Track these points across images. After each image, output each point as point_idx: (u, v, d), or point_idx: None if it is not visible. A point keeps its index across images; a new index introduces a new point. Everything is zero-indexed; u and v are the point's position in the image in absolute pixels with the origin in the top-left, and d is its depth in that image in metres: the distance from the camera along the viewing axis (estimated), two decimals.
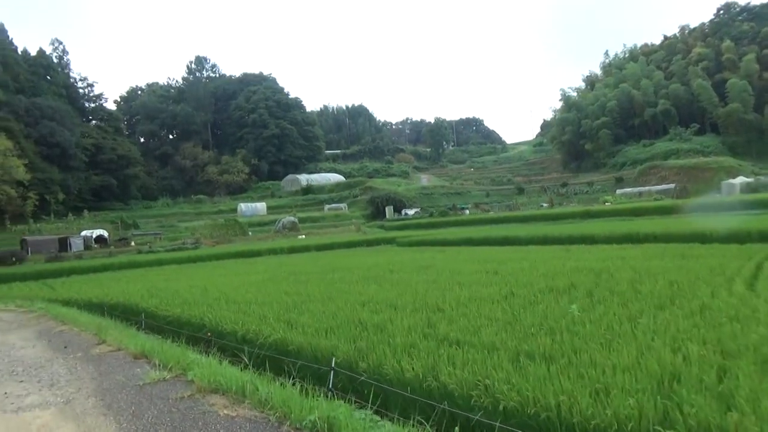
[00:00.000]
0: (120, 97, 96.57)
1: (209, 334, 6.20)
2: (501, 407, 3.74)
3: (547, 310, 6.64)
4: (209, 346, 6.92)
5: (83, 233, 41.12)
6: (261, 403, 3.66)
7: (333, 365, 4.46)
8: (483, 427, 3.75)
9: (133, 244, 40.85)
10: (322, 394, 4.06)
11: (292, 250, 29.55)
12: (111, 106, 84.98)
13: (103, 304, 12.57)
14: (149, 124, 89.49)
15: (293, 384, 4.26)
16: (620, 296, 7.20)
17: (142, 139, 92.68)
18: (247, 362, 5.13)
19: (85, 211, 55.41)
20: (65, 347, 6.65)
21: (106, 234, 41.46)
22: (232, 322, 7.65)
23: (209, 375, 4.34)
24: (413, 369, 4.55)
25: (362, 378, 4.42)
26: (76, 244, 38.76)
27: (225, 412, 3.57)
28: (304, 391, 4.02)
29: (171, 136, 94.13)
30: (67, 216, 53.56)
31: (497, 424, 3.57)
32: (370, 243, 31.29)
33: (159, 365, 4.90)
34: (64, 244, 38.48)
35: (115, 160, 68.60)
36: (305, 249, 29.66)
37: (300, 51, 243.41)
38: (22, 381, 5.05)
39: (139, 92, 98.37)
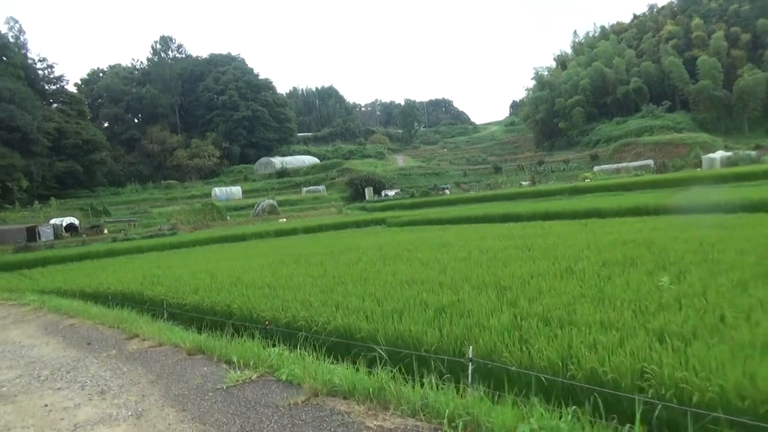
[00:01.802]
0: (81, 79, 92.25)
1: (268, 323, 5.37)
2: (694, 399, 3.06)
3: (631, 284, 6.02)
4: (253, 336, 6.09)
5: (52, 221, 39.15)
6: (415, 410, 2.89)
7: (471, 356, 3.69)
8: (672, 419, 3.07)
9: (106, 231, 39.12)
10: (469, 392, 3.31)
11: (279, 234, 28.54)
12: (72, 89, 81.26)
13: (98, 294, 11.57)
14: (113, 108, 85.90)
15: (423, 381, 3.48)
16: (698, 267, 6.64)
17: (106, 124, 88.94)
18: (317, 351, 4.34)
19: (52, 199, 52.85)
20: (88, 344, 5.74)
21: (76, 222, 39.56)
22: (272, 308, 6.84)
23: (314, 374, 3.55)
24: (543, 354, 3.85)
25: (512, 369, 3.68)
26: (46, 233, 36.86)
27: (374, 423, 2.78)
28: (438, 388, 3.26)
29: (137, 120, 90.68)
30: (32, 204, 51.01)
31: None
32: (358, 224, 30.49)
33: (237, 363, 4.05)
34: (32, 234, 36.53)
35: (80, 145, 65.56)
36: (293, 232, 28.69)
37: (267, 32, 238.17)
38: (59, 388, 4.15)
39: (101, 74, 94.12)
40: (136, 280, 12.31)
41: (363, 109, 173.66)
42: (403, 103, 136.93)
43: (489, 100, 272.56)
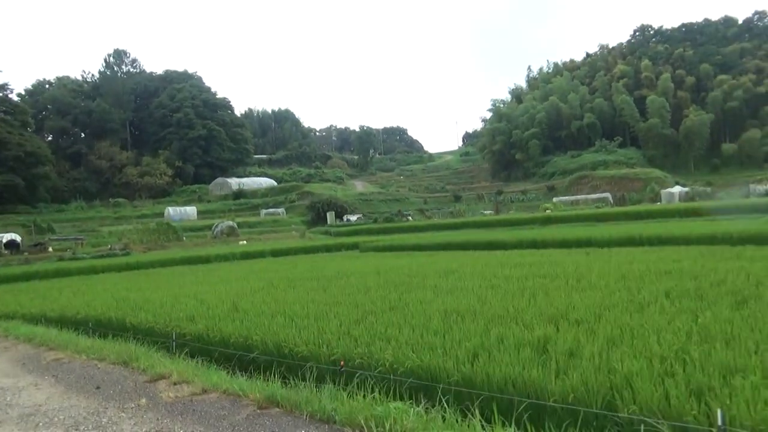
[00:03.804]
0: (25, 90, 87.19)
1: (342, 363, 4.32)
2: None
3: (745, 319, 5.32)
4: (284, 377, 4.99)
5: None
6: None
7: (721, 422, 2.78)
8: None
9: (50, 249, 36.28)
10: None
11: (246, 256, 27.01)
12: (15, 98, 76.62)
13: (65, 320, 10.06)
14: (60, 120, 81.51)
15: None
16: None
17: (50, 137, 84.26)
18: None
19: None
20: (97, 388, 4.49)
21: (18, 239, 36.55)
22: (306, 342, 5.77)
23: None
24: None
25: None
26: None
27: None
28: None
29: (84, 134, 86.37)
30: None
31: None
32: (329, 248, 29.31)
33: (345, 424, 2.96)
34: None
35: (22, 158, 61.39)
36: (260, 255, 27.22)
37: (223, 51, 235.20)
38: None
39: (47, 86, 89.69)
40: (106, 304, 10.84)
41: (318, 133, 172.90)
42: (357, 129, 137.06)
43: (442, 130, 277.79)
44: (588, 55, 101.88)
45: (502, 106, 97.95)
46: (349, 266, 15.87)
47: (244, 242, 39.58)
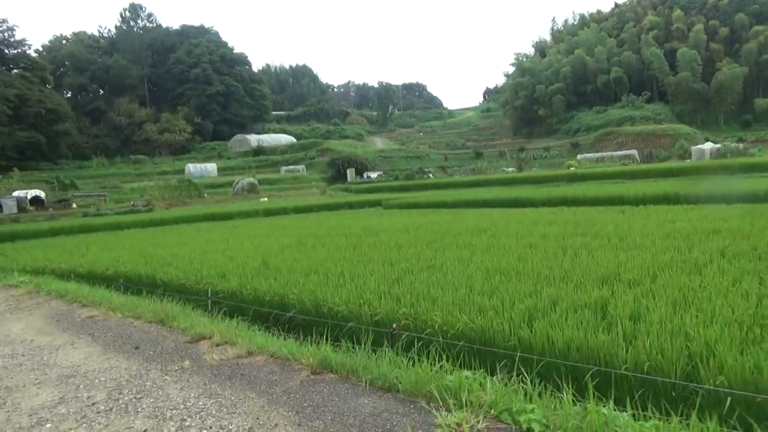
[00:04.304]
0: (42, 46, 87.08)
1: (395, 327, 4.06)
2: None
3: None
4: (324, 337, 4.76)
5: (15, 194, 36.42)
6: None
7: None
8: None
9: (74, 206, 36.67)
10: None
11: (269, 213, 26.97)
12: (33, 54, 76.40)
13: (94, 275, 10.01)
14: (78, 77, 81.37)
15: None
16: None
17: (69, 94, 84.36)
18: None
19: (15, 170, 49.54)
20: (136, 348, 4.31)
21: (42, 195, 36.92)
22: (346, 301, 5.53)
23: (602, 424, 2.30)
24: None
25: None
26: (9, 206, 34.22)
27: None
28: None
29: (102, 91, 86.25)
30: None
31: None
32: (351, 206, 29.08)
33: (440, 398, 2.69)
34: None
35: (43, 115, 61.69)
36: (283, 211, 27.15)
37: (239, 5, 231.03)
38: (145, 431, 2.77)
39: (64, 42, 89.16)
40: (134, 260, 10.77)
41: (336, 89, 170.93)
42: (376, 85, 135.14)
43: (462, 86, 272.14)
44: (616, 5, 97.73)
45: (525, 60, 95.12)
46: (376, 223, 15.60)
47: (265, 199, 39.54)
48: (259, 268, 8.40)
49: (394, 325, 4.04)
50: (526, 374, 3.36)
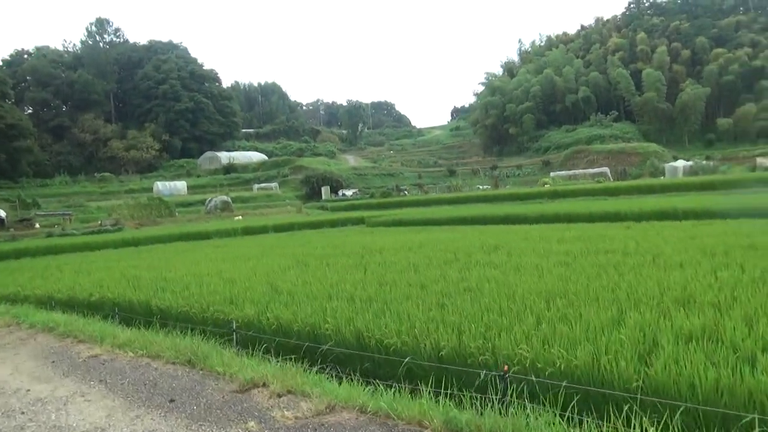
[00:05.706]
0: (2, 60, 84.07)
1: (506, 367, 3.36)
2: None
3: None
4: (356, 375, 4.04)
5: None
6: None
7: None
8: None
9: (38, 225, 34.79)
10: None
11: (248, 232, 25.96)
12: None
13: (75, 302, 9.02)
14: (40, 92, 78.49)
15: None
16: None
17: (30, 110, 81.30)
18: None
19: None
20: (171, 401, 3.48)
21: (3, 214, 34.94)
22: (399, 333, 4.81)
23: None
24: None
25: None
26: None
27: None
28: None
29: (66, 107, 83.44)
30: None
31: None
32: (333, 223, 28.28)
33: None
34: None
35: (3, 131, 59.02)
36: (263, 230, 26.17)
37: (207, 22, 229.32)
38: None
39: (26, 56, 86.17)
40: (119, 284, 9.81)
41: (305, 107, 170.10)
42: (345, 103, 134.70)
43: (430, 105, 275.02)
44: (582, 27, 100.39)
45: (494, 79, 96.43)
46: (370, 241, 14.89)
47: (240, 217, 38.37)
48: (270, 293, 7.60)
49: (505, 367, 3.33)
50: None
